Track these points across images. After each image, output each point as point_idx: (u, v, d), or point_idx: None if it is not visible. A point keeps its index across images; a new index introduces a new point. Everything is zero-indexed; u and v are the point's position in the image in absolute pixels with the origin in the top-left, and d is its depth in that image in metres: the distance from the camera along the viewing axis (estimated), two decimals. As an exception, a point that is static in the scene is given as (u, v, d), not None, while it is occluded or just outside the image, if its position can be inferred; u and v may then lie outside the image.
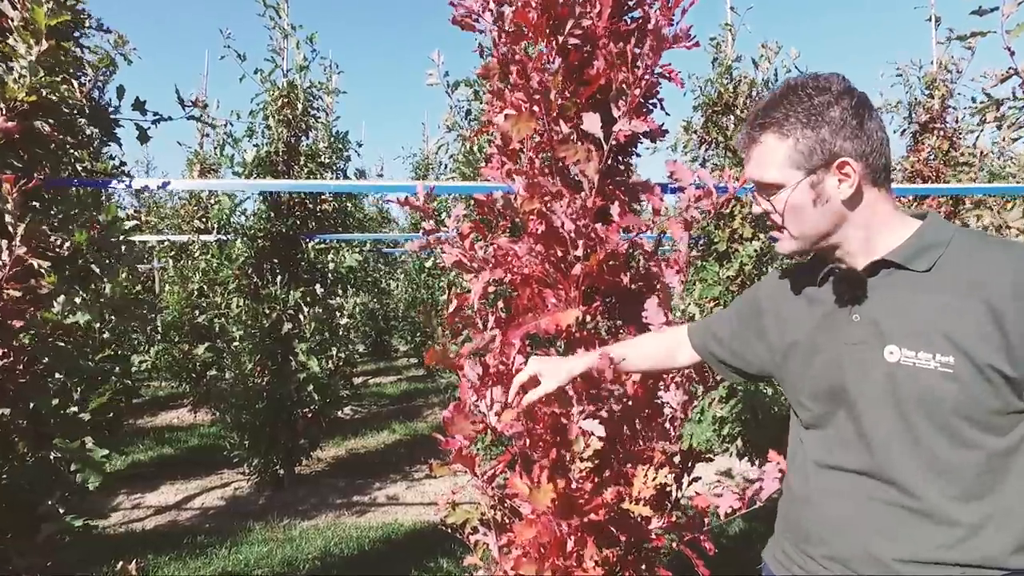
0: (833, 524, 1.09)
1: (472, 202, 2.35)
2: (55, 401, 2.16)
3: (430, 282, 9.39)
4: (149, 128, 2.72)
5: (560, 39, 1.81)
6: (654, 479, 1.78)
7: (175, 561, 3.55)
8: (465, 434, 2.09)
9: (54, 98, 2.11)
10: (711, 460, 2.20)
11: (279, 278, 4.39)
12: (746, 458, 4.36)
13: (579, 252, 1.79)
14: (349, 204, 5.13)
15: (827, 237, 1.11)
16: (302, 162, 4.66)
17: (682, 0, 1.77)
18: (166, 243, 5.75)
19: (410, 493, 4.80)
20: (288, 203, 4.64)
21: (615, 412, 1.70)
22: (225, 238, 4.54)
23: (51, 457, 2.22)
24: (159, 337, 6.13)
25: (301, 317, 4.39)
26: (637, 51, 1.83)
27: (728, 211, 4.36)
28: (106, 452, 2.16)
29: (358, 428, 6.52)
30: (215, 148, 4.54)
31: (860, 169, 1.05)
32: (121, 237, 2.16)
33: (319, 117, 4.85)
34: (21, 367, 2.05)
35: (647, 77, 1.66)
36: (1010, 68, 2.69)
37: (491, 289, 2.13)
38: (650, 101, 1.85)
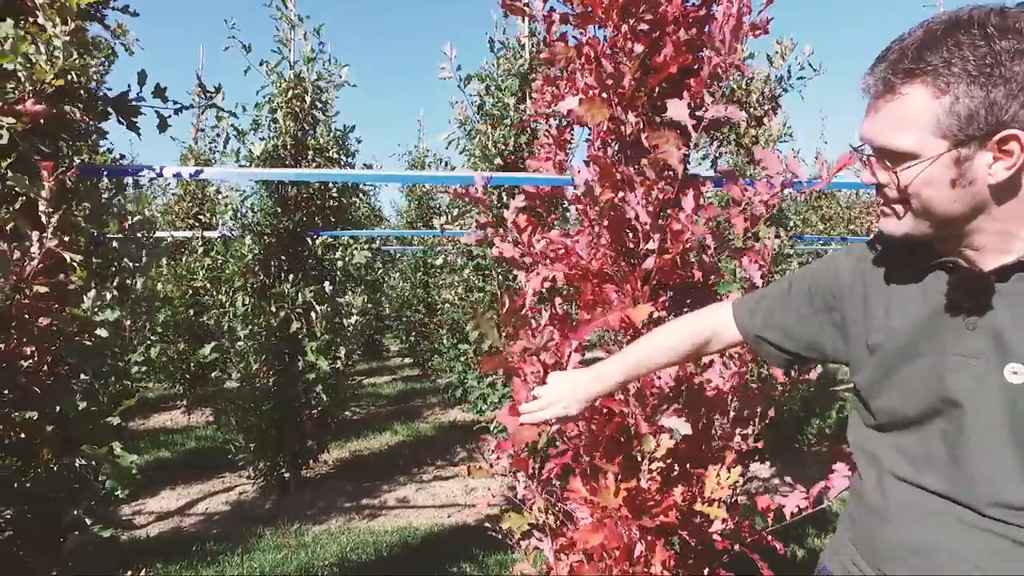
0: (916, 547, 0.96)
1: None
2: (82, 404, 2.04)
3: (428, 281, 9.27)
4: (169, 116, 2.61)
5: (631, 23, 1.73)
6: (727, 479, 1.72)
7: (186, 570, 3.42)
8: (524, 437, 2.01)
9: (82, 81, 1.99)
10: (766, 460, 2.14)
11: (290, 276, 4.25)
12: (757, 458, 4.33)
13: (652, 245, 1.71)
14: (357, 200, 5.00)
15: (955, 226, 0.90)
16: (310, 156, 4.53)
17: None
18: (169, 240, 5.55)
19: (420, 495, 4.69)
20: (295, 198, 4.51)
21: (697, 410, 1.63)
22: (231, 234, 4.39)
23: (76, 464, 2.10)
24: (155, 337, 5.94)
25: (313, 315, 4.27)
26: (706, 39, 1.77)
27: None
28: (135, 458, 2.04)
29: (359, 430, 6.39)
30: (222, 141, 4.37)
31: None
32: (151, 230, 2.04)
33: (327, 111, 4.72)
34: (47, 368, 1.93)
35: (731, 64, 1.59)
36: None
37: (545, 285, 2.05)
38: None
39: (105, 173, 2.06)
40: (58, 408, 1.95)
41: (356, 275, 4.66)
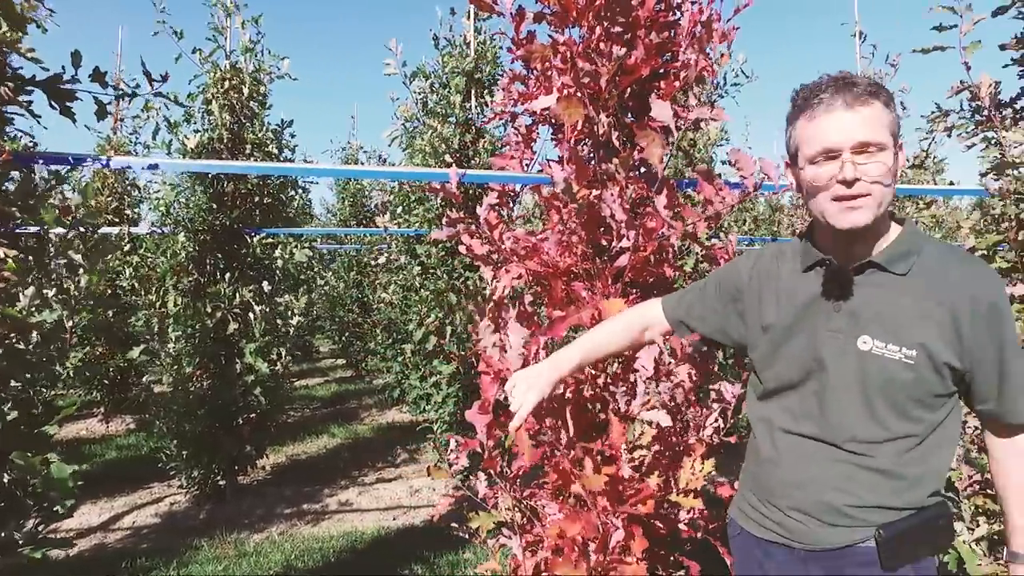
0: (798, 481, 1.27)
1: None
2: (13, 414, 1.87)
3: (362, 280, 9.08)
4: (109, 103, 2.44)
5: (605, 25, 1.76)
6: (702, 470, 1.78)
7: (116, 587, 3.20)
8: (495, 435, 2.01)
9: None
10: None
11: (227, 275, 4.06)
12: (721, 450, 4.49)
13: (626, 243, 1.75)
14: (297, 196, 4.83)
15: (881, 219, 1.20)
16: (248, 150, 4.34)
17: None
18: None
19: (364, 498, 4.59)
20: (232, 194, 4.31)
21: (671, 402, 1.67)
22: (161, 231, 4.14)
23: (4, 479, 1.93)
24: (75, 341, 5.51)
25: (251, 316, 4.09)
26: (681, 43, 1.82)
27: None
28: (74, 469, 1.89)
29: (295, 433, 6.18)
30: (150, 132, 4.11)
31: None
32: (98, 224, 1.90)
33: (265, 104, 4.54)
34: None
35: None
36: (963, 81, 2.91)
37: (515, 283, 2.05)
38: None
39: (40, 161, 1.90)
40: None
41: (296, 274, 4.50)
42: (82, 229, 1.92)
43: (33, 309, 1.77)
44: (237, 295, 4.08)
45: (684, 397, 1.70)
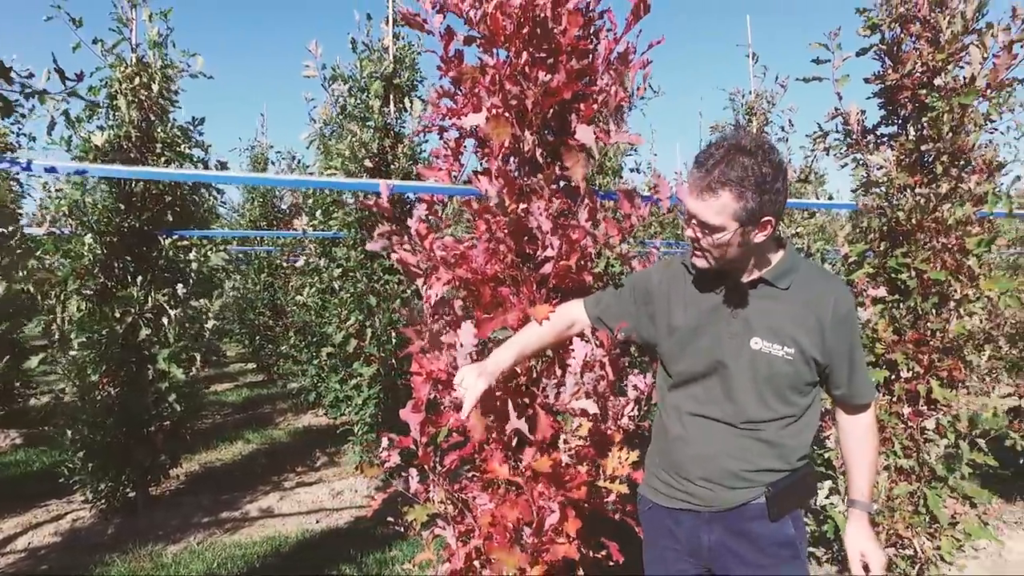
0: (706, 455, 1.56)
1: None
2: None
3: (273, 283, 8.85)
4: (16, 101, 2.35)
5: (531, 50, 1.93)
6: (627, 459, 1.97)
7: (22, 608, 3.05)
8: (428, 432, 2.13)
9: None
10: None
11: (139, 278, 3.91)
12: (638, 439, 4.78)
13: (551, 252, 1.91)
14: (213, 198, 4.70)
15: (733, 264, 1.52)
16: (158, 150, 4.20)
17: (633, 27, 2.00)
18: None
19: (285, 503, 4.55)
20: (142, 195, 4.15)
21: (597, 393, 1.85)
22: (62, 231, 3.93)
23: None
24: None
25: (165, 320, 3.96)
26: (599, 67, 2.02)
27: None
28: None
29: (208, 440, 5.98)
30: (45, 127, 3.87)
31: (775, 223, 1.45)
32: (15, 227, 1.87)
33: (175, 101, 4.40)
34: None
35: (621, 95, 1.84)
36: (837, 108, 3.31)
37: (444, 289, 2.17)
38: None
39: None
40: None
41: (209, 277, 4.39)
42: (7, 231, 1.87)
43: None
44: (149, 299, 3.94)
45: (606, 388, 1.89)
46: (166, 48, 4.40)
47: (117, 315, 3.93)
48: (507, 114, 1.93)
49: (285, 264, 8.31)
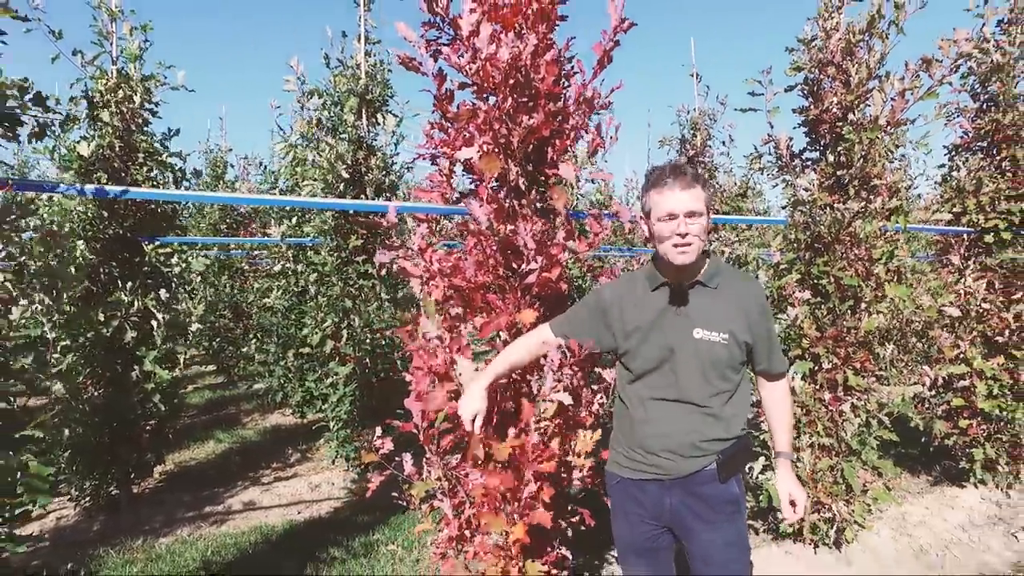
0: (667, 431, 1.91)
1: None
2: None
3: (234, 285, 8.92)
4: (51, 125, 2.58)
5: (515, 96, 2.30)
6: (592, 437, 2.37)
7: (27, 597, 3.22)
8: (428, 417, 2.47)
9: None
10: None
11: (127, 284, 4.09)
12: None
13: (534, 266, 2.29)
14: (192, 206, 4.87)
15: (696, 259, 1.87)
16: (140, 160, 4.37)
17: (599, 74, 2.39)
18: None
19: (266, 497, 4.78)
20: (125, 203, 4.32)
21: (572, 387, 2.24)
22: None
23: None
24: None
25: (154, 324, 4.15)
26: (571, 109, 2.40)
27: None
28: (52, 470, 2.08)
29: (180, 441, 6.10)
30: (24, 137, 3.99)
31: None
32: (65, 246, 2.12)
33: (155, 112, 4.57)
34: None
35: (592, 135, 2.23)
36: (769, 135, 3.80)
37: (437, 295, 2.52)
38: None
39: (10, 186, 2.06)
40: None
41: (196, 282, 4.58)
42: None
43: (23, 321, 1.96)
44: (136, 303, 4.12)
45: (579, 381, 2.27)
46: (143, 62, 4.56)
47: (102, 319, 4.09)
48: (496, 150, 2.30)
49: (247, 267, 8.42)
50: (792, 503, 2.03)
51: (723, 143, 6.33)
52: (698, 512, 1.91)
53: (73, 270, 3.19)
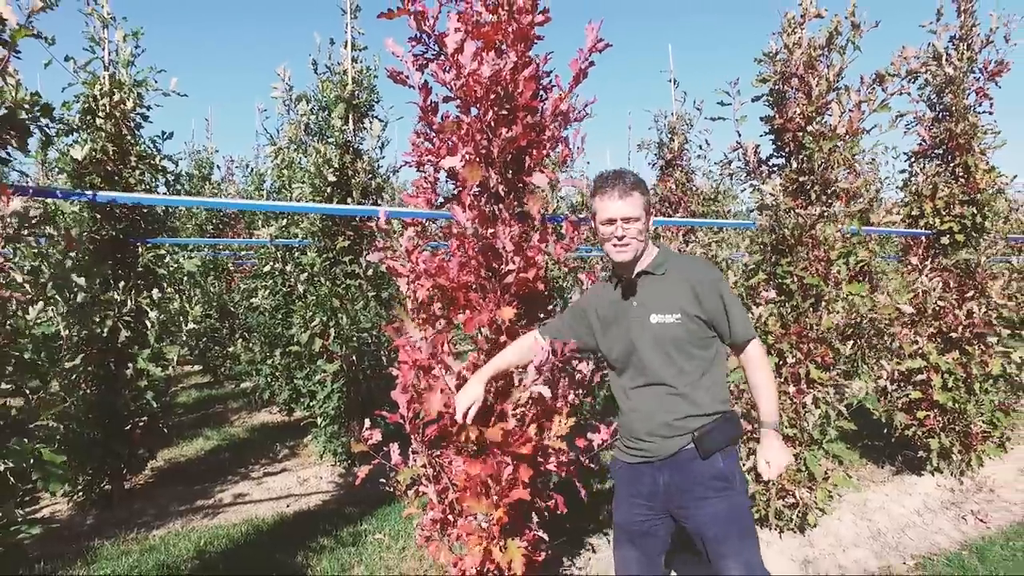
0: (646, 415, 2.08)
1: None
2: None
3: (219, 285, 9.01)
4: (56, 135, 2.71)
5: (496, 109, 2.48)
6: (566, 424, 2.55)
7: (27, 586, 3.34)
8: (413, 408, 2.64)
9: None
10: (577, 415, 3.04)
11: (121, 284, 4.21)
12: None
13: (513, 267, 2.47)
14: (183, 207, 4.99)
15: (636, 256, 2.09)
16: (133, 163, 4.49)
17: (574, 89, 2.58)
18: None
19: (256, 491, 4.91)
20: (118, 206, 4.44)
21: (550, 379, 2.42)
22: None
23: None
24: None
25: (147, 323, 4.27)
26: (548, 122, 2.59)
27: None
28: (64, 458, 2.22)
29: (169, 438, 6.17)
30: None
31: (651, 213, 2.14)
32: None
33: (147, 117, 4.68)
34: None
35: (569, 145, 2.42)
36: (738, 142, 4.02)
37: (423, 294, 2.69)
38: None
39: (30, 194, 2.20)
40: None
41: (189, 282, 4.71)
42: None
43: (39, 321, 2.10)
44: (129, 303, 4.24)
45: (557, 375, 2.46)
46: (133, 67, 4.68)
47: (97, 318, 4.21)
48: (478, 159, 2.47)
49: (232, 267, 8.51)
50: (768, 463, 2.12)
51: (700, 147, 6.57)
52: (688, 490, 2.02)
53: (84, 277, 3.33)
